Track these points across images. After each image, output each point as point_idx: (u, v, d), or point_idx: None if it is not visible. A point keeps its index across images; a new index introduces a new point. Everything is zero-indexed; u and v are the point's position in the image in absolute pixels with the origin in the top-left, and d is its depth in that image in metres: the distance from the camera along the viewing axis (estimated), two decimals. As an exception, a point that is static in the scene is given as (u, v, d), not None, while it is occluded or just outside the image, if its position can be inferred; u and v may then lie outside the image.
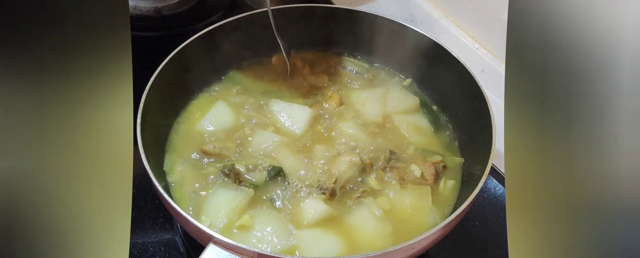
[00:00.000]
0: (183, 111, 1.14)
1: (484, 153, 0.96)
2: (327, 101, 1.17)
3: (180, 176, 1.02)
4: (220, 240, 0.79)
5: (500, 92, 1.19)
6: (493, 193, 1.23)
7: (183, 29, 1.44)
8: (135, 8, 1.49)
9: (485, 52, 1.39)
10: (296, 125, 1.11)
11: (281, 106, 1.14)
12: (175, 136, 1.10)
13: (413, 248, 0.84)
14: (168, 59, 1.05)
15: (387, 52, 1.26)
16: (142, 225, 1.11)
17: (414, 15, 1.56)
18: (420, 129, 1.14)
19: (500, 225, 1.16)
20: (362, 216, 0.97)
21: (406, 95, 1.20)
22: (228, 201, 0.96)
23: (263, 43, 1.25)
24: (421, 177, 1.03)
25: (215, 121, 1.11)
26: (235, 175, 0.99)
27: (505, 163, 0.64)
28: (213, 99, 1.16)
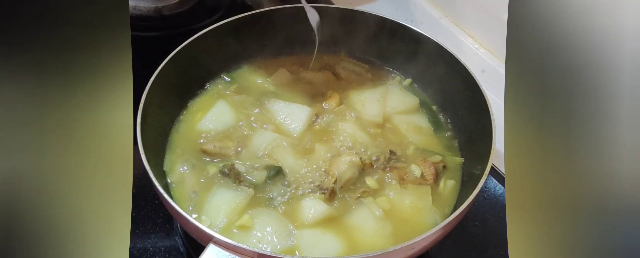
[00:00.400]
0: (183, 111, 1.14)
1: (484, 153, 0.96)
2: (327, 101, 1.17)
3: (180, 176, 1.02)
4: (220, 240, 0.79)
5: (500, 92, 1.19)
6: (493, 193, 1.23)
7: (183, 29, 1.44)
8: (135, 8, 1.49)
9: (485, 52, 1.39)
10: (295, 124, 1.11)
11: (280, 105, 1.14)
12: (175, 135, 1.10)
13: (413, 248, 0.84)
14: (168, 59, 1.05)
15: (386, 52, 1.26)
16: (142, 225, 1.11)
17: (414, 15, 1.56)
18: (420, 129, 1.14)
19: (500, 225, 1.16)
20: (362, 217, 0.97)
21: (406, 95, 1.20)
22: (228, 201, 0.96)
23: (264, 43, 1.25)
24: (421, 177, 1.03)
25: (216, 120, 1.11)
26: (235, 175, 0.99)
27: (505, 163, 0.64)
28: (213, 99, 1.16)
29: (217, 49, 1.17)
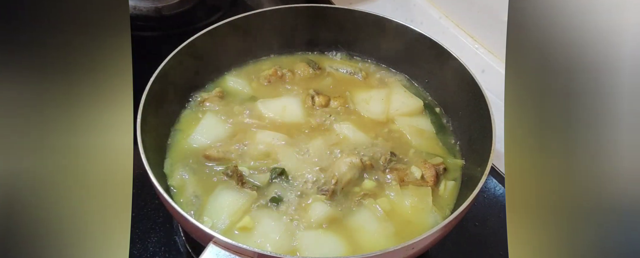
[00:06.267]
0: (183, 111, 1.14)
1: (484, 153, 0.96)
2: (328, 102, 1.16)
3: (181, 180, 1.01)
4: (220, 240, 0.79)
5: (500, 92, 1.19)
6: (493, 193, 1.23)
7: (183, 29, 1.44)
8: (135, 8, 1.49)
9: (485, 52, 1.39)
10: (292, 115, 1.12)
11: (271, 103, 1.15)
12: (175, 135, 1.09)
13: (413, 248, 0.84)
14: (168, 59, 1.05)
15: (387, 52, 1.26)
16: (142, 225, 1.11)
17: (414, 15, 1.56)
18: (423, 132, 1.14)
19: (500, 225, 1.16)
20: (363, 218, 0.97)
21: (409, 97, 1.20)
22: (230, 203, 0.96)
23: (264, 43, 1.25)
24: (421, 179, 1.03)
25: (206, 132, 1.09)
26: (238, 177, 0.99)
27: (505, 163, 0.64)
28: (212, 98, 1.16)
29: (217, 49, 1.17)
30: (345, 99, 1.17)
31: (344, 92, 1.20)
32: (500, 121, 0.72)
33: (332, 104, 1.16)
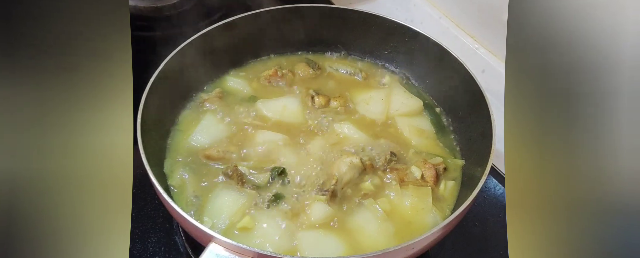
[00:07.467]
0: (183, 111, 1.14)
1: (484, 153, 0.96)
2: (328, 102, 1.16)
3: (181, 176, 1.02)
4: (220, 240, 0.79)
5: (500, 93, 1.19)
6: (493, 193, 1.23)
7: (183, 29, 1.44)
8: (135, 8, 1.49)
9: (485, 52, 1.39)
10: (292, 115, 1.12)
11: (271, 103, 1.14)
12: (175, 135, 1.09)
13: (413, 248, 0.84)
14: (168, 59, 1.05)
15: (387, 52, 1.26)
16: (142, 225, 1.11)
17: (414, 15, 1.56)
18: (423, 132, 1.14)
19: (500, 225, 1.16)
20: (363, 218, 0.97)
21: (409, 97, 1.20)
22: (230, 203, 0.96)
23: (264, 43, 1.25)
24: (421, 179, 1.03)
25: (206, 132, 1.09)
26: (238, 177, 0.99)
27: (505, 163, 0.64)
28: (212, 99, 1.16)
29: (217, 49, 1.17)
30: (345, 99, 1.17)
31: (344, 92, 1.20)
32: (500, 121, 0.72)
33: (332, 104, 1.16)
